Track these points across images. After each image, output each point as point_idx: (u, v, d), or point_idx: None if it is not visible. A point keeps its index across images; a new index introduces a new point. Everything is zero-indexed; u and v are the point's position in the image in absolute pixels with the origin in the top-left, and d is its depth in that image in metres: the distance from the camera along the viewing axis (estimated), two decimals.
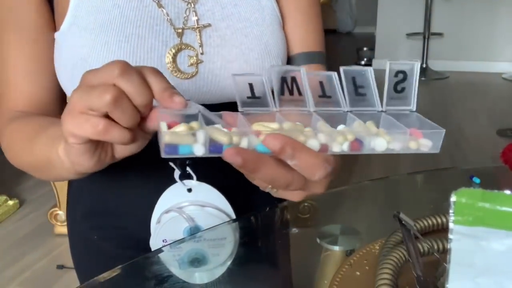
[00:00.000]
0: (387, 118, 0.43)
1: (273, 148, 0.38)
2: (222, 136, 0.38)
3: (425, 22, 4.97)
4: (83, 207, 0.76)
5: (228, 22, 0.65)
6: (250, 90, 0.41)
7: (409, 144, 0.41)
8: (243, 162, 0.38)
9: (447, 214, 0.29)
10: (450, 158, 2.83)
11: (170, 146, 0.38)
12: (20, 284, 1.87)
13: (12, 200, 2.42)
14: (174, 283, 0.62)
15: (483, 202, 0.28)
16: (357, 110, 0.43)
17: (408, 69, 0.43)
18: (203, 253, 0.63)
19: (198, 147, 0.38)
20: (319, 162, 0.39)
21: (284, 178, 0.41)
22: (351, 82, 0.42)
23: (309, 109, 0.42)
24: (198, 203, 0.64)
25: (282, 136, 0.38)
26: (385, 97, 0.43)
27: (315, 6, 0.74)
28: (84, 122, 0.40)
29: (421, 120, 0.43)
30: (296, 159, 0.39)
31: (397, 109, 0.43)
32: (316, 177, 0.40)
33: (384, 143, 0.41)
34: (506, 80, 4.73)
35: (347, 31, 7.58)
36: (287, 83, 0.42)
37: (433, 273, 0.52)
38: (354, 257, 0.61)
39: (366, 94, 0.43)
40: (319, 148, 0.40)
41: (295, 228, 0.81)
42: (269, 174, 0.40)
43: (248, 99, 0.41)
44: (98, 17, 0.62)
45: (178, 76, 0.64)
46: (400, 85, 0.43)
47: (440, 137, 0.41)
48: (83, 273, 0.79)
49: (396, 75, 0.43)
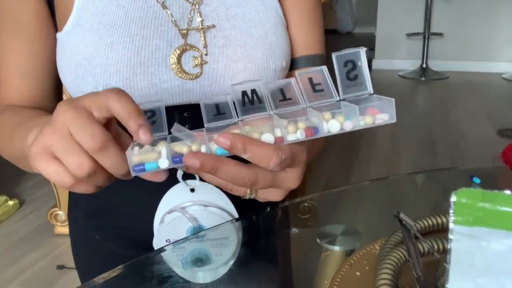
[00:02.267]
0: (346, 104, 0.46)
1: (224, 145, 0.42)
2: (181, 147, 0.42)
3: (425, 22, 4.97)
4: (85, 207, 0.76)
5: (232, 22, 0.66)
6: (216, 109, 0.46)
7: (365, 120, 0.44)
8: (201, 164, 0.41)
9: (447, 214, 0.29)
10: (450, 158, 2.83)
11: (137, 165, 0.42)
12: (20, 284, 1.87)
13: (12, 200, 2.42)
14: (174, 283, 0.62)
15: (483, 202, 0.28)
16: (316, 103, 0.46)
17: (355, 56, 0.45)
18: (206, 252, 0.63)
19: (163, 161, 0.42)
20: (271, 151, 0.43)
21: (247, 175, 0.44)
22: (308, 82, 0.46)
23: (270, 113, 0.46)
24: (201, 203, 0.64)
25: (229, 134, 0.42)
26: (340, 87, 0.46)
27: (317, 9, 0.74)
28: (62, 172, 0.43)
29: (380, 99, 0.46)
30: (248, 151, 0.42)
31: (356, 95, 0.47)
32: (272, 165, 0.43)
33: (337, 124, 0.44)
34: (506, 80, 4.73)
35: (347, 31, 7.58)
36: (247, 95, 0.46)
37: (433, 273, 0.52)
38: (354, 257, 0.61)
39: (323, 89, 0.46)
40: (274, 140, 0.44)
41: (295, 228, 0.81)
42: (229, 173, 0.43)
43: (214, 116, 0.45)
44: (102, 18, 0.63)
45: (182, 77, 0.64)
46: (352, 73, 0.46)
47: (392, 106, 0.44)
48: (84, 273, 0.79)
49: (345, 65, 0.46)
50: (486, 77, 4.84)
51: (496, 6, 4.89)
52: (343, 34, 7.52)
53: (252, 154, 0.43)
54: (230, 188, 0.49)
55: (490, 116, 3.59)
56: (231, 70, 0.65)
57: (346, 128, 0.44)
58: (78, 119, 0.42)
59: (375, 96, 0.46)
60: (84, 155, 0.42)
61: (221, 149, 0.43)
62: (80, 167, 0.42)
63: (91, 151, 0.42)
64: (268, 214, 0.75)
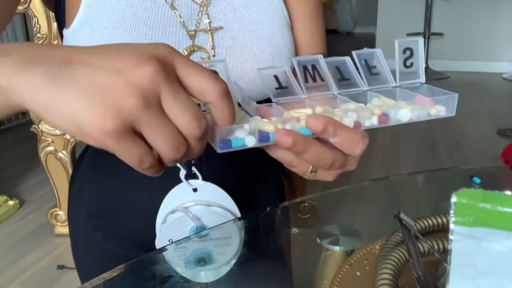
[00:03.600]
0: (402, 92, 0.47)
1: (316, 128, 0.41)
2: (268, 125, 0.41)
3: (426, 22, 4.97)
4: (87, 207, 0.76)
5: (240, 23, 0.66)
6: (276, 81, 0.44)
7: (429, 111, 0.45)
8: (293, 142, 0.40)
9: (447, 214, 0.29)
10: (450, 158, 2.82)
11: (224, 141, 0.40)
12: (21, 284, 1.87)
13: (13, 200, 2.41)
14: (174, 283, 0.62)
15: (484, 203, 0.28)
16: (375, 88, 0.47)
17: (414, 44, 0.47)
18: (209, 252, 0.63)
19: (249, 139, 0.41)
20: (359, 137, 0.42)
21: (329, 157, 0.43)
22: (364, 63, 0.46)
23: (333, 92, 0.46)
24: (203, 203, 0.64)
25: (322, 117, 0.41)
26: (398, 73, 0.47)
27: (319, 10, 0.76)
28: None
29: (432, 90, 0.48)
30: (338, 136, 0.41)
31: (409, 83, 0.48)
32: (357, 152, 0.43)
33: (408, 113, 0.44)
34: (506, 80, 4.73)
35: (347, 31, 7.58)
36: (309, 71, 0.45)
37: (433, 273, 0.52)
38: (355, 257, 0.61)
39: (379, 73, 0.47)
40: (354, 125, 0.44)
41: (295, 228, 0.81)
42: (315, 154, 0.42)
43: (277, 89, 0.45)
44: (111, 17, 0.63)
45: None
46: (409, 61, 0.47)
47: (454, 100, 0.46)
48: (84, 273, 0.79)
49: (404, 52, 0.47)
50: (486, 77, 4.84)
51: (496, 6, 4.89)
52: (343, 34, 7.52)
53: (342, 138, 0.42)
54: (295, 164, 0.46)
55: (491, 116, 3.59)
56: (238, 71, 0.65)
57: (413, 118, 0.45)
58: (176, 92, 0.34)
59: (425, 85, 0.48)
60: (181, 137, 0.36)
61: (305, 129, 0.42)
62: (178, 150, 0.36)
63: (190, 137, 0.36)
64: (268, 214, 0.75)
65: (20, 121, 3.53)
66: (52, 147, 1.99)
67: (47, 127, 1.97)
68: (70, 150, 2.00)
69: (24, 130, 2.79)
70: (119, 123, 0.33)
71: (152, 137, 0.35)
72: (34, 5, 1.73)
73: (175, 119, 0.35)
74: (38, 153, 2.00)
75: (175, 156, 0.36)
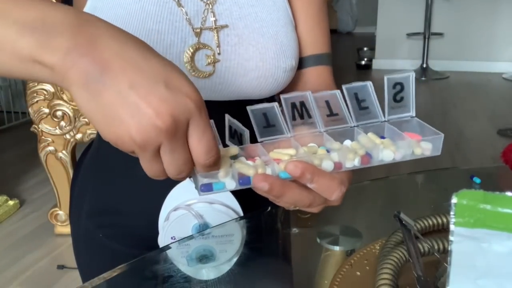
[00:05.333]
0: (390, 128, 0.48)
1: (294, 174, 0.42)
2: (248, 169, 0.43)
3: (426, 22, 4.97)
4: (89, 205, 0.76)
5: (245, 21, 0.67)
6: (265, 119, 0.46)
7: (415, 150, 0.45)
8: (269, 188, 0.42)
9: (448, 214, 0.29)
10: (451, 158, 2.83)
11: (205, 185, 0.43)
12: (21, 284, 1.87)
13: (13, 200, 2.42)
14: (175, 283, 0.62)
15: (484, 204, 0.28)
16: (363, 123, 0.47)
17: (405, 80, 0.47)
18: (211, 249, 0.64)
19: (230, 183, 0.43)
20: (335, 184, 0.44)
21: (306, 199, 0.45)
22: (353, 97, 0.47)
23: (320, 130, 0.47)
24: (206, 200, 0.64)
25: (301, 163, 0.42)
26: (387, 108, 0.47)
27: (323, 10, 0.76)
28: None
29: (421, 125, 0.47)
30: (315, 182, 0.43)
31: (399, 117, 0.48)
32: (333, 198, 0.45)
33: (391, 154, 0.45)
34: (506, 80, 4.73)
35: (347, 31, 7.58)
36: (297, 108, 0.46)
37: (433, 273, 0.52)
38: (355, 257, 0.61)
39: (368, 107, 0.47)
40: (334, 166, 0.44)
41: (295, 228, 0.81)
42: (292, 197, 0.44)
43: (264, 128, 0.46)
44: (119, 11, 0.63)
45: (195, 75, 0.65)
46: (399, 95, 0.47)
47: (440, 141, 0.45)
48: (86, 271, 0.79)
49: (394, 87, 0.47)
50: (486, 77, 4.84)
51: (497, 6, 4.89)
52: (343, 34, 7.52)
53: (318, 185, 0.43)
54: (278, 201, 0.48)
55: (491, 116, 3.59)
56: (243, 69, 0.66)
57: (397, 159, 0.45)
58: (174, 151, 0.38)
59: (415, 120, 0.48)
60: (191, 163, 0.40)
61: (285, 173, 0.43)
62: (184, 174, 0.41)
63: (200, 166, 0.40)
64: (268, 214, 0.75)
65: (20, 121, 3.54)
66: (52, 147, 1.99)
67: (47, 127, 1.97)
68: (70, 150, 2.01)
69: (24, 130, 2.79)
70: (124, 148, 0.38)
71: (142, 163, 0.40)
72: None
73: (165, 165, 0.40)
74: (38, 153, 2.01)
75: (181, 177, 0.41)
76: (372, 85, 0.47)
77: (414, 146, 0.45)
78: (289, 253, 0.79)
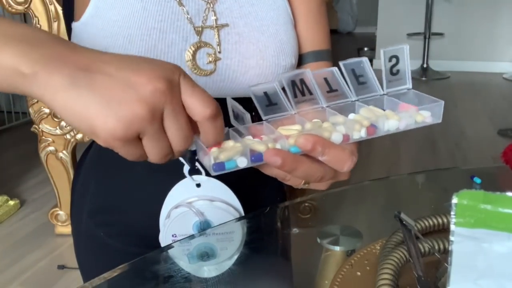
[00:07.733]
0: (389, 100, 0.48)
1: (305, 147, 0.43)
2: (259, 145, 0.43)
3: (426, 22, 4.97)
4: (90, 204, 0.76)
5: (245, 20, 0.68)
6: (266, 98, 0.46)
7: (416, 118, 0.46)
8: (282, 162, 0.42)
9: (448, 214, 0.29)
10: (451, 158, 2.82)
11: (217, 164, 0.43)
12: (21, 284, 1.87)
13: (13, 200, 2.41)
14: (175, 283, 0.62)
15: (485, 204, 0.28)
16: (363, 97, 0.48)
17: (400, 52, 0.48)
18: (212, 247, 0.64)
19: (241, 160, 0.43)
20: (347, 155, 0.44)
21: (318, 172, 0.45)
22: (351, 73, 0.47)
23: (322, 105, 0.48)
24: (207, 198, 0.64)
25: (312, 136, 0.43)
26: (384, 81, 0.48)
27: (322, 8, 0.77)
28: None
29: (419, 96, 0.48)
30: (326, 155, 0.43)
31: (397, 90, 0.49)
32: (345, 169, 0.45)
33: (395, 123, 0.46)
34: (507, 80, 4.73)
35: (348, 31, 7.58)
36: (297, 85, 0.47)
37: (434, 273, 0.52)
38: (355, 257, 0.61)
39: (366, 82, 0.48)
40: (342, 139, 0.45)
41: (296, 228, 0.81)
42: (304, 171, 0.44)
43: (267, 106, 0.46)
44: (121, 10, 0.64)
45: (197, 73, 0.66)
46: (395, 68, 0.48)
47: (440, 108, 0.47)
48: (87, 270, 0.79)
49: (390, 60, 0.48)
50: (487, 77, 4.84)
51: (497, 6, 4.89)
52: (343, 34, 7.52)
53: (330, 157, 0.44)
54: (287, 179, 0.49)
55: (491, 116, 3.59)
56: (244, 66, 0.67)
57: (401, 128, 0.46)
58: (177, 112, 0.41)
59: (412, 91, 0.48)
60: (170, 149, 0.43)
61: (295, 147, 0.43)
62: (165, 157, 0.43)
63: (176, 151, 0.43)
64: (268, 214, 0.75)
65: (20, 121, 3.54)
66: (52, 147, 1.99)
67: (48, 127, 1.97)
68: (70, 150, 2.01)
69: (24, 130, 2.79)
70: (128, 132, 0.39)
71: (147, 146, 0.42)
72: (35, 5, 1.73)
73: (170, 135, 0.42)
74: (39, 153, 2.01)
75: (160, 161, 0.44)
76: (368, 60, 0.48)
77: (415, 114, 0.46)
78: (289, 253, 0.79)
